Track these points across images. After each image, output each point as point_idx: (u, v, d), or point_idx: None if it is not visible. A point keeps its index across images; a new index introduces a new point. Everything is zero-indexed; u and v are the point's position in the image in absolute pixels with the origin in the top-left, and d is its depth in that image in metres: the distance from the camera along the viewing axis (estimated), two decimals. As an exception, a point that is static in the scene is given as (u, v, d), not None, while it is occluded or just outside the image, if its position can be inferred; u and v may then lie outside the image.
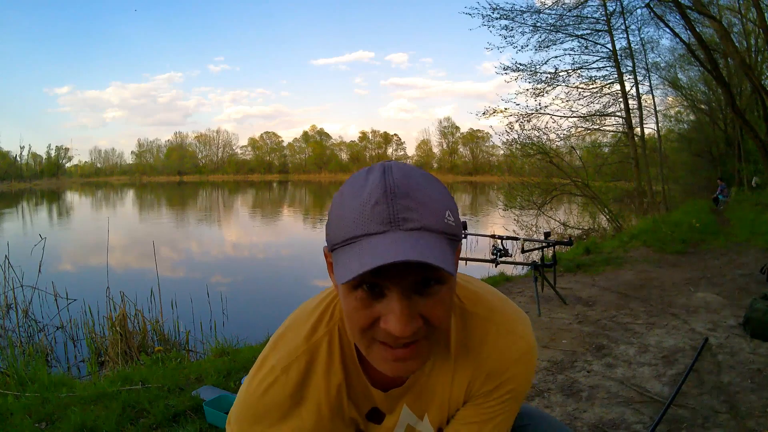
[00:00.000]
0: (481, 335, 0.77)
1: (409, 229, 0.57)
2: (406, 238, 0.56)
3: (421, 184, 0.60)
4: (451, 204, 0.62)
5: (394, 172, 0.60)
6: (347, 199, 0.61)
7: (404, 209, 0.57)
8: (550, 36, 13.23)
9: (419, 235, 0.57)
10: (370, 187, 0.59)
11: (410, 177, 0.60)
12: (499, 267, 4.95)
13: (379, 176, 0.60)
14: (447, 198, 0.62)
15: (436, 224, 0.58)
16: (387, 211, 0.57)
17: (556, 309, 3.89)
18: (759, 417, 2.04)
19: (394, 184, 0.58)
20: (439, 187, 0.63)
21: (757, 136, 11.47)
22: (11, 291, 5.17)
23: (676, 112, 21.73)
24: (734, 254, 6.19)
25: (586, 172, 12.97)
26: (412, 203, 0.58)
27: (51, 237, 9.10)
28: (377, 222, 0.57)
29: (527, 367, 0.78)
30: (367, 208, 0.58)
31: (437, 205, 0.59)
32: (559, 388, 2.41)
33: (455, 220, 0.61)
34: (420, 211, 0.58)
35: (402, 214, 0.57)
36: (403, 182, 0.59)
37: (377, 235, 0.57)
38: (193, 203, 31.10)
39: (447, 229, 0.59)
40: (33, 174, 73.24)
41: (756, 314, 3.04)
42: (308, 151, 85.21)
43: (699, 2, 10.12)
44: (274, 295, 6.82)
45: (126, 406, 2.20)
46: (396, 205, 0.57)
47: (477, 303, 0.78)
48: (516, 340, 0.77)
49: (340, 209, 0.61)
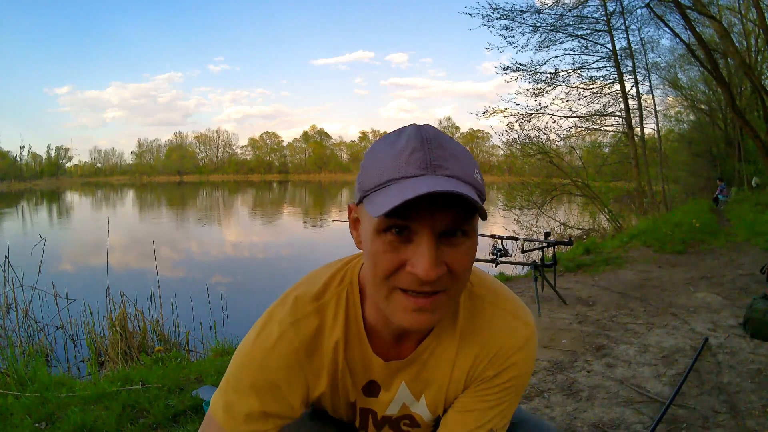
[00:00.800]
0: (488, 317, 0.77)
1: (444, 175, 0.60)
2: (442, 182, 0.59)
3: (452, 142, 0.64)
4: (477, 166, 0.65)
5: (428, 129, 0.64)
6: (382, 150, 0.64)
7: (440, 158, 0.61)
8: (550, 36, 13.24)
9: (452, 181, 0.60)
10: (406, 137, 0.63)
11: (441, 136, 0.64)
12: (499, 267, 4.94)
13: (414, 130, 0.64)
14: (472, 160, 0.66)
15: (467, 176, 0.62)
16: (424, 157, 0.60)
17: (556, 309, 3.89)
18: (759, 417, 2.04)
19: (430, 136, 0.62)
20: (464, 149, 0.66)
21: (757, 136, 11.46)
22: (11, 291, 5.16)
23: (676, 112, 21.74)
24: (734, 254, 6.19)
25: (586, 172, 12.98)
26: (446, 154, 0.62)
27: (51, 237, 9.10)
28: (415, 166, 0.60)
29: (530, 355, 0.78)
30: (404, 155, 0.61)
31: (467, 161, 0.63)
32: (559, 388, 2.41)
33: (482, 179, 0.65)
34: (453, 162, 0.62)
35: (438, 162, 0.61)
36: (438, 136, 0.63)
37: (414, 178, 0.60)
38: (193, 203, 31.09)
39: (476, 184, 0.62)
40: (33, 174, 73.26)
41: (756, 314, 3.04)
42: (308, 151, 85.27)
43: (699, 2, 10.12)
44: (274, 296, 6.76)
45: (126, 406, 2.20)
46: (432, 153, 0.61)
47: (484, 287, 0.79)
48: (521, 325, 0.77)
49: (374, 160, 0.64)
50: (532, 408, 2.23)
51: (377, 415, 0.83)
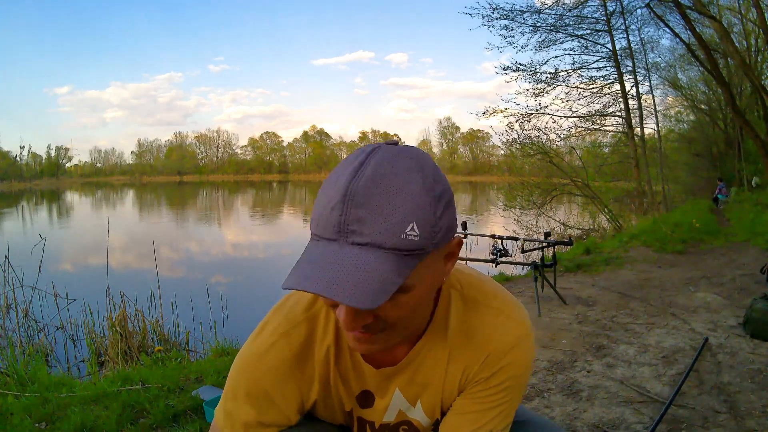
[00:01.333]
0: (480, 319, 0.76)
1: (355, 243, 0.55)
2: (346, 260, 0.55)
3: (392, 187, 0.56)
4: (425, 213, 0.57)
5: (368, 169, 0.56)
6: (323, 189, 0.60)
7: (356, 220, 0.55)
8: (550, 36, 13.28)
9: (362, 255, 0.55)
10: (339, 182, 0.57)
11: (383, 177, 0.56)
12: (499, 267, 4.94)
13: (351, 172, 0.57)
14: (422, 204, 0.57)
15: (389, 240, 0.55)
16: (339, 219, 0.55)
17: (556, 309, 3.89)
18: (759, 417, 2.04)
19: (358, 187, 0.55)
20: (418, 190, 0.57)
21: (757, 136, 11.48)
22: (11, 291, 5.16)
23: (676, 112, 21.77)
24: (734, 254, 6.19)
25: (586, 172, 12.99)
26: (367, 214, 0.55)
27: (51, 237, 9.10)
28: (330, 227, 0.56)
29: (525, 354, 0.76)
30: (327, 209, 0.57)
31: (400, 216, 0.55)
32: (559, 388, 2.41)
33: (423, 231, 0.56)
34: (373, 224, 0.55)
35: (352, 226, 0.55)
36: (369, 185, 0.55)
37: (327, 242, 0.57)
38: (193, 203, 31.09)
39: (402, 245, 0.55)
40: (33, 174, 73.27)
41: (756, 314, 3.04)
42: (308, 151, 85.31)
43: (699, 2, 10.13)
44: (274, 295, 6.80)
45: (126, 406, 2.20)
46: (349, 214, 0.55)
47: (475, 288, 0.78)
48: (514, 325, 0.76)
49: (320, 195, 0.60)
50: (531, 408, 2.23)
51: (375, 424, 0.83)
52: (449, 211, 0.61)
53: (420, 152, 0.62)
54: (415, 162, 0.59)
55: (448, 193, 0.61)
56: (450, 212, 0.61)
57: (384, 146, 0.60)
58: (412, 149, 0.62)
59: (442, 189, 0.60)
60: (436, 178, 0.60)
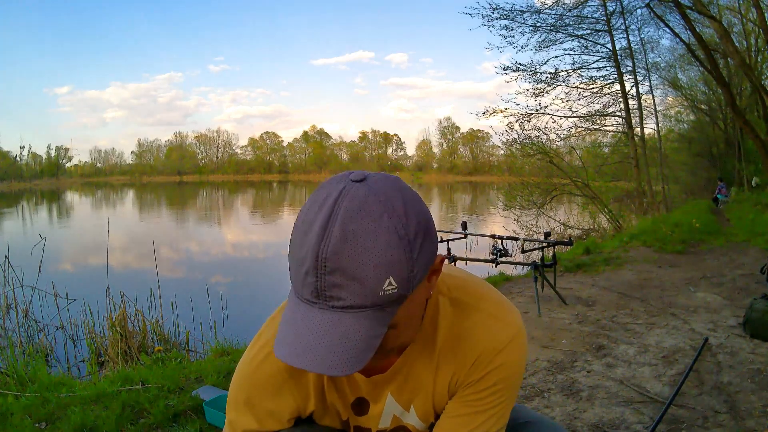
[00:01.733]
0: (470, 322, 0.75)
1: (335, 307, 0.56)
2: (329, 328, 0.56)
3: (362, 247, 0.55)
4: (400, 264, 0.56)
5: (335, 229, 0.55)
6: (295, 241, 0.59)
7: (332, 286, 0.55)
8: (550, 36, 13.28)
9: (344, 320, 0.56)
10: (308, 243, 0.56)
11: (351, 237, 0.55)
12: (499, 267, 4.95)
13: (318, 232, 0.56)
14: (396, 256, 0.56)
15: (368, 301, 0.56)
16: (316, 284, 0.56)
17: (556, 309, 3.89)
18: (759, 417, 2.04)
19: (328, 252, 0.54)
20: (389, 242, 0.56)
21: (757, 136, 11.49)
22: (11, 291, 5.17)
23: (676, 112, 21.78)
24: (734, 254, 6.19)
25: (586, 172, 12.99)
26: (341, 280, 0.55)
27: (51, 237, 9.10)
28: (308, 291, 0.57)
29: (516, 356, 0.75)
30: (302, 273, 0.57)
31: (374, 276, 0.55)
32: (559, 388, 2.41)
33: (401, 282, 0.57)
34: (349, 289, 0.55)
35: (329, 292, 0.56)
36: (339, 249, 0.54)
37: (308, 305, 0.58)
38: (193, 203, 31.10)
39: (382, 301, 0.56)
40: (33, 174, 73.24)
41: (756, 314, 3.04)
42: (308, 151, 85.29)
43: (699, 2, 10.13)
44: (274, 295, 6.82)
45: (126, 406, 2.20)
46: (324, 281, 0.55)
47: (462, 291, 0.77)
48: (503, 327, 0.75)
49: (292, 246, 0.60)
50: (531, 408, 2.23)
51: (372, 431, 0.84)
52: (426, 245, 0.60)
53: (388, 186, 0.60)
54: (383, 204, 0.57)
55: (422, 224, 0.60)
56: (427, 245, 0.60)
57: (350, 189, 0.58)
58: (380, 185, 0.59)
59: (416, 225, 0.58)
60: (408, 214, 0.58)
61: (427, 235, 0.60)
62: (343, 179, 0.60)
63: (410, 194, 0.61)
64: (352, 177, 0.60)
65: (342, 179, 0.60)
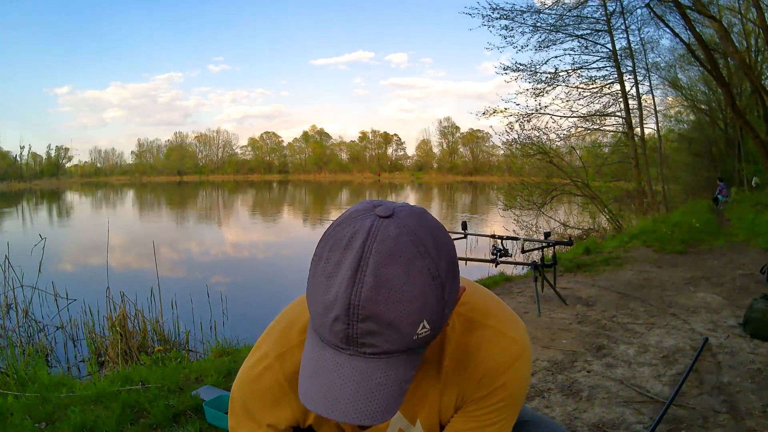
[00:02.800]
0: (475, 340, 0.75)
1: (368, 354, 0.55)
2: (362, 375, 0.54)
3: (397, 293, 0.53)
4: (434, 306, 0.55)
5: (368, 276, 0.52)
6: (319, 283, 0.56)
7: (365, 333, 0.53)
8: (550, 36, 13.27)
9: (378, 367, 0.55)
10: (337, 288, 0.53)
11: (386, 284, 0.52)
12: (499, 267, 4.95)
13: (348, 276, 0.53)
14: (431, 299, 0.54)
15: (402, 346, 0.55)
16: (347, 331, 0.53)
17: (556, 309, 3.89)
18: (759, 417, 2.04)
19: (361, 300, 0.52)
20: (424, 285, 0.54)
21: (757, 136, 11.48)
22: (11, 291, 5.17)
23: (676, 112, 21.74)
24: (734, 254, 6.19)
25: (586, 172, 12.99)
26: (375, 327, 0.53)
27: (51, 237, 9.09)
28: (338, 337, 0.55)
29: (520, 373, 0.75)
30: (330, 315, 0.54)
31: (410, 321, 0.54)
32: (559, 388, 2.41)
33: (434, 322, 0.56)
34: (383, 336, 0.53)
35: (362, 339, 0.54)
36: (373, 295, 0.52)
37: (336, 350, 0.56)
38: (193, 203, 31.09)
39: (416, 344, 0.56)
40: (33, 174, 73.17)
41: (756, 314, 3.04)
42: (308, 151, 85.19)
43: (699, 2, 10.13)
44: (274, 295, 6.82)
45: (126, 406, 2.20)
46: (356, 328, 0.53)
47: (468, 306, 0.77)
48: (509, 343, 0.75)
49: (313, 290, 0.57)
50: (531, 408, 2.23)
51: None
52: (455, 281, 0.59)
53: (418, 222, 0.57)
54: (415, 245, 0.54)
55: (452, 261, 0.58)
56: (455, 281, 0.59)
57: (380, 228, 0.55)
58: (409, 221, 0.56)
59: (447, 263, 0.57)
60: (440, 252, 0.56)
61: (456, 270, 0.59)
62: (369, 214, 0.57)
63: (438, 229, 0.59)
64: (378, 212, 0.57)
65: (367, 213, 0.57)
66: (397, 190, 47.47)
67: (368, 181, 68.66)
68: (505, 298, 4.27)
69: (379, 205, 0.58)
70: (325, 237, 0.58)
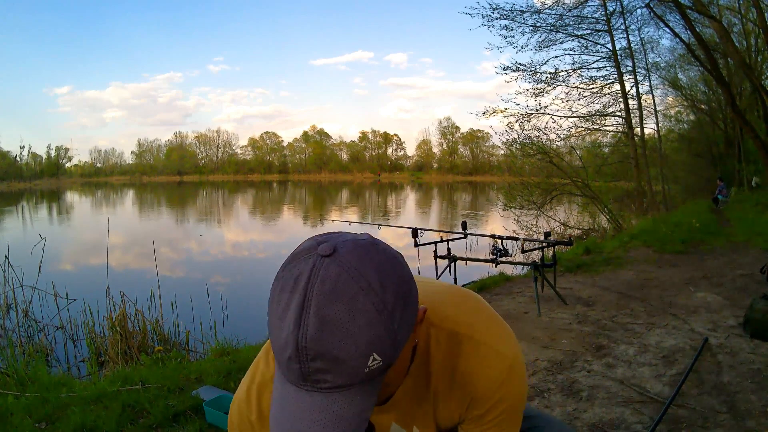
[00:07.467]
0: (463, 357, 0.74)
1: (323, 389, 0.57)
2: (320, 409, 0.56)
3: (341, 331, 0.54)
4: (382, 339, 0.56)
5: (311, 317, 0.54)
6: (273, 324, 0.58)
7: (316, 371, 0.55)
8: (550, 36, 13.26)
9: (335, 400, 0.57)
10: (286, 330, 0.55)
11: (328, 323, 0.54)
12: (499, 267, 4.95)
13: (294, 319, 0.54)
14: (377, 333, 0.55)
15: (355, 379, 0.56)
16: (300, 371, 0.56)
17: (556, 309, 3.89)
18: (759, 417, 2.04)
19: (307, 341, 0.54)
20: (369, 320, 0.55)
21: (757, 136, 11.48)
22: (11, 291, 5.17)
23: (676, 112, 21.73)
24: (734, 254, 6.19)
25: (586, 172, 12.99)
26: (324, 365, 0.55)
27: (51, 237, 9.09)
28: (293, 376, 0.57)
29: (516, 385, 0.74)
30: (284, 358, 0.56)
31: (358, 356, 0.55)
32: (559, 388, 2.41)
33: (385, 354, 0.57)
34: (333, 372, 0.55)
35: (314, 376, 0.56)
36: (317, 336, 0.53)
37: (296, 389, 0.58)
38: (193, 203, 31.10)
39: (369, 376, 0.57)
40: (33, 174, 73.17)
41: (756, 314, 3.04)
42: (308, 151, 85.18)
43: (699, 2, 10.13)
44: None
45: (126, 406, 2.20)
46: (308, 367, 0.55)
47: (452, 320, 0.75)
48: (499, 358, 0.73)
49: (270, 329, 0.58)
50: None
51: None
52: (407, 310, 0.59)
53: (360, 256, 0.57)
54: (356, 282, 0.55)
55: (400, 291, 0.58)
56: (408, 309, 0.59)
57: (320, 268, 0.56)
58: (351, 257, 0.57)
59: (394, 294, 0.57)
60: (384, 285, 0.56)
61: (407, 299, 0.59)
62: (312, 253, 0.58)
63: (384, 259, 0.59)
64: (321, 251, 0.57)
65: (310, 253, 0.58)
66: (397, 190, 47.47)
67: (368, 181, 68.66)
68: (505, 298, 4.28)
69: (324, 242, 0.59)
70: (276, 278, 0.60)
